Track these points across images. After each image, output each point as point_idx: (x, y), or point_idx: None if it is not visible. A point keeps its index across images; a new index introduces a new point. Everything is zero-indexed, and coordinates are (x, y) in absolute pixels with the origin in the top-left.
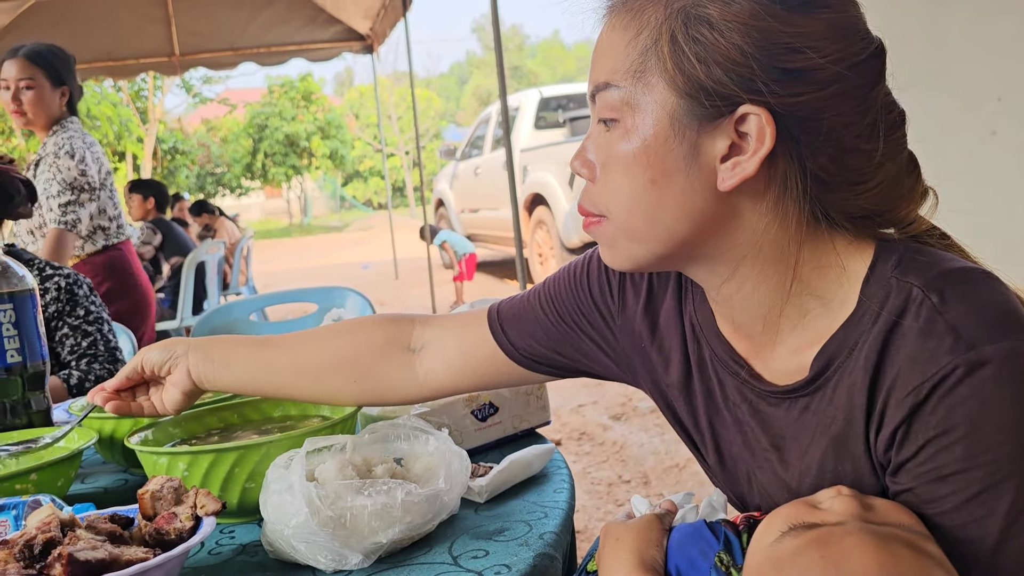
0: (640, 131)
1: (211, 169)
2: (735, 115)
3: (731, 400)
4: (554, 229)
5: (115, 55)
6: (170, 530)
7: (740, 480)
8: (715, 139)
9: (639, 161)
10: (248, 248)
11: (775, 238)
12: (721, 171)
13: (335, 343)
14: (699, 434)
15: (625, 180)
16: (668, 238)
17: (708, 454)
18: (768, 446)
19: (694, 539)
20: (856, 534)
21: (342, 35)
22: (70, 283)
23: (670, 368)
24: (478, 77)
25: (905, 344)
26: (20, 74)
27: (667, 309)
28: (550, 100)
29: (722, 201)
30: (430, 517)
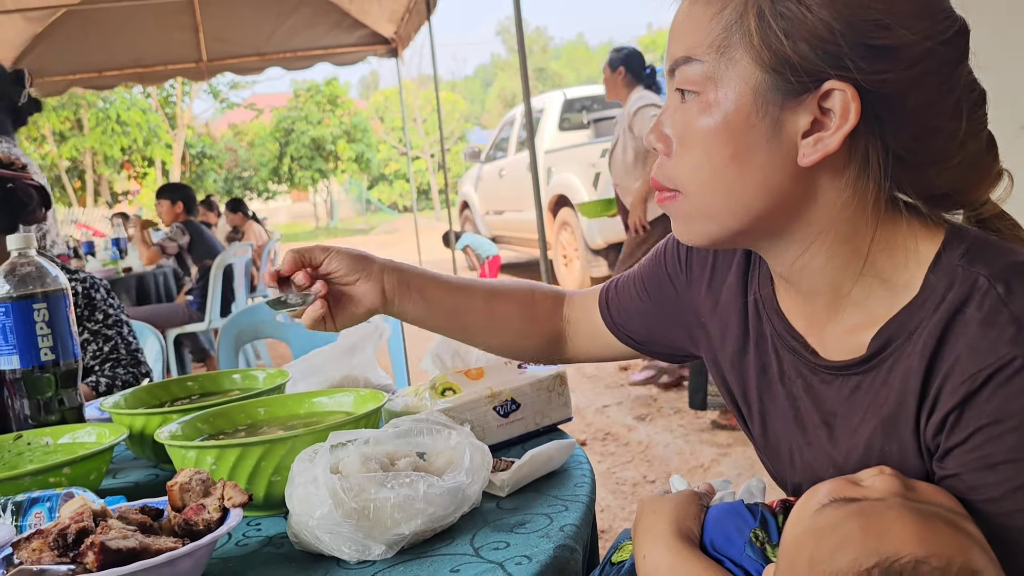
0: (722, 106)
1: (238, 173)
2: (820, 91)
3: (787, 375)
4: (578, 230)
5: (144, 62)
6: (198, 521)
7: (782, 456)
8: (798, 115)
9: (720, 136)
10: (275, 251)
11: (851, 216)
12: (802, 147)
13: (520, 299)
14: (747, 408)
15: (704, 155)
16: (745, 214)
17: (754, 427)
18: (819, 422)
19: (731, 516)
20: (897, 509)
21: (367, 39)
22: (87, 287)
23: (726, 342)
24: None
25: (966, 332)
26: None
27: (730, 284)
28: (574, 102)
29: (801, 177)
30: (452, 510)
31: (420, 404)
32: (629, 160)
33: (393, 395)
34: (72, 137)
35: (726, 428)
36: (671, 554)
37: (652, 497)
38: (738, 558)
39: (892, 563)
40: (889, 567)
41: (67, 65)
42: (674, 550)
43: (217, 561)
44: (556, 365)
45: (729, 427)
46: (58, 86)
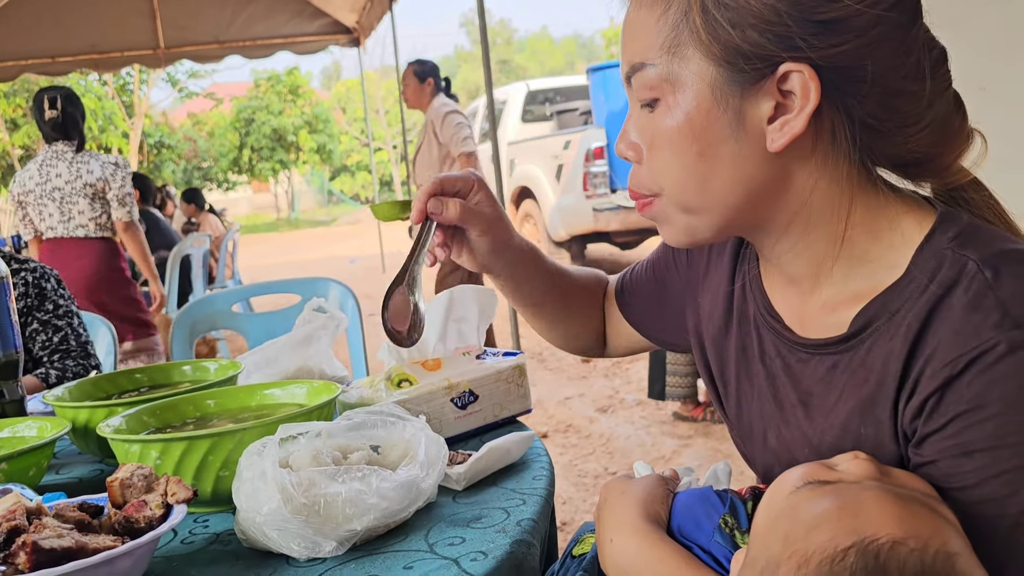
0: (682, 105)
1: (198, 163)
2: (776, 75)
3: (767, 355)
4: (541, 222)
5: (99, 48)
6: (140, 518)
7: (756, 437)
8: (759, 102)
9: (685, 135)
10: (234, 242)
11: (826, 193)
12: (769, 132)
13: (592, 287)
14: (724, 388)
15: (673, 156)
16: (722, 207)
17: (729, 408)
18: (796, 401)
19: (700, 502)
20: (875, 490)
21: (328, 28)
22: (37, 277)
23: (712, 319)
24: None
25: (951, 316)
26: None
27: (722, 264)
28: (537, 93)
29: (773, 163)
30: (406, 504)
31: (375, 396)
32: (435, 160)
33: (347, 387)
34: (25, 124)
35: (687, 420)
36: (638, 537)
37: (618, 480)
38: (706, 544)
39: (869, 543)
40: (866, 547)
41: (19, 50)
42: (642, 533)
43: (160, 560)
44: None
45: (690, 419)
46: (10, 71)
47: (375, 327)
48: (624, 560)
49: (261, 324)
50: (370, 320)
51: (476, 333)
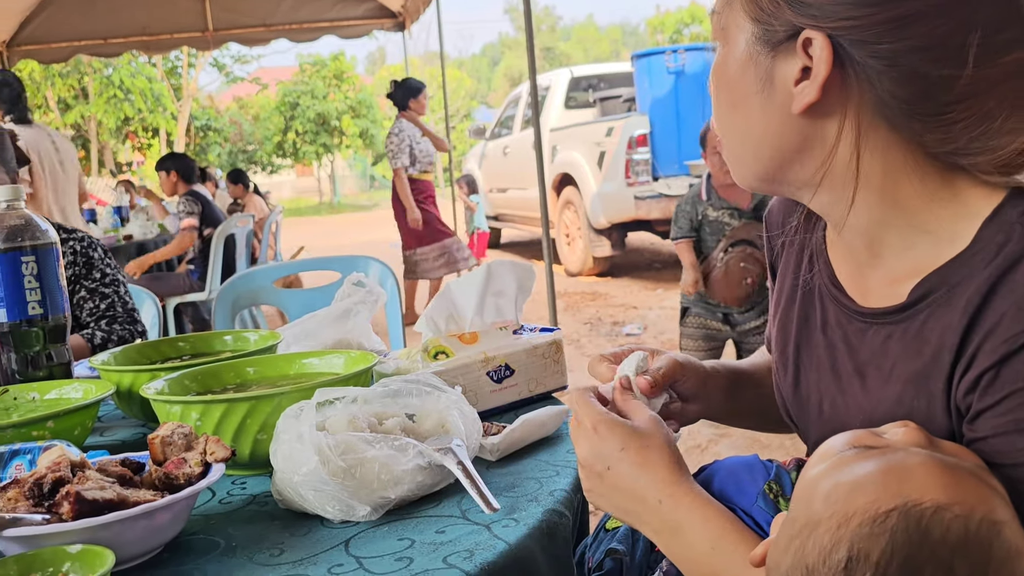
0: (724, 56)
1: (243, 147)
2: (800, 39)
3: (829, 325)
4: (582, 209)
5: (150, 30)
6: (179, 475)
7: (811, 408)
8: (788, 63)
9: (723, 86)
10: (277, 223)
11: (869, 161)
12: (795, 95)
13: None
14: (783, 360)
15: (718, 104)
16: (755, 159)
17: (786, 380)
18: (853, 371)
19: (744, 467)
20: (921, 456)
21: (374, 12)
22: (85, 247)
23: (782, 293)
24: (510, 58)
25: (1015, 290)
26: None
27: (794, 245)
28: (580, 80)
29: (799, 124)
30: (439, 479)
31: (412, 367)
32: None
33: (384, 357)
34: (77, 105)
35: None
36: (689, 498)
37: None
38: (748, 507)
39: (912, 507)
40: (909, 510)
41: (72, 31)
42: (692, 494)
43: (199, 518)
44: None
45: None
46: (63, 52)
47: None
48: (672, 519)
49: (301, 300)
50: None
51: (514, 308)
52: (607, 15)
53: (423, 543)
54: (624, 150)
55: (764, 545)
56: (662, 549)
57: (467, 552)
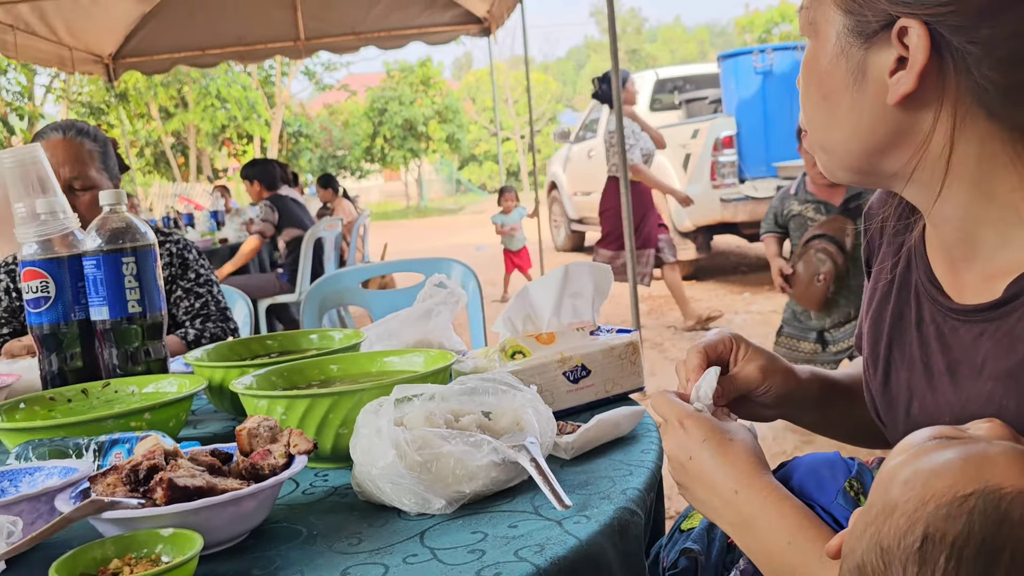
0: (814, 49)
1: (332, 152)
2: (895, 29)
3: (924, 322)
4: (667, 212)
5: (245, 40)
6: (264, 465)
7: (900, 406)
8: (882, 54)
9: (812, 78)
10: (365, 227)
11: (963, 153)
12: (890, 85)
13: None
14: (874, 358)
15: (807, 97)
16: (845, 152)
17: (875, 379)
18: (944, 369)
19: (826, 464)
20: (1004, 447)
21: (460, 18)
22: (180, 248)
23: (876, 291)
24: (595, 61)
25: None
26: None
27: (893, 244)
28: (665, 82)
29: (893, 116)
30: (513, 475)
31: (489, 366)
32: None
33: (463, 356)
34: (177, 114)
35: None
36: (765, 492)
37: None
38: (827, 505)
39: (992, 491)
40: (988, 494)
41: (173, 43)
42: (769, 487)
43: (283, 507)
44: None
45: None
46: (164, 64)
47: (495, 313)
48: (749, 512)
49: (385, 301)
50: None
51: (591, 309)
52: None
53: (495, 536)
54: (710, 152)
55: (840, 536)
56: (738, 543)
57: (538, 546)
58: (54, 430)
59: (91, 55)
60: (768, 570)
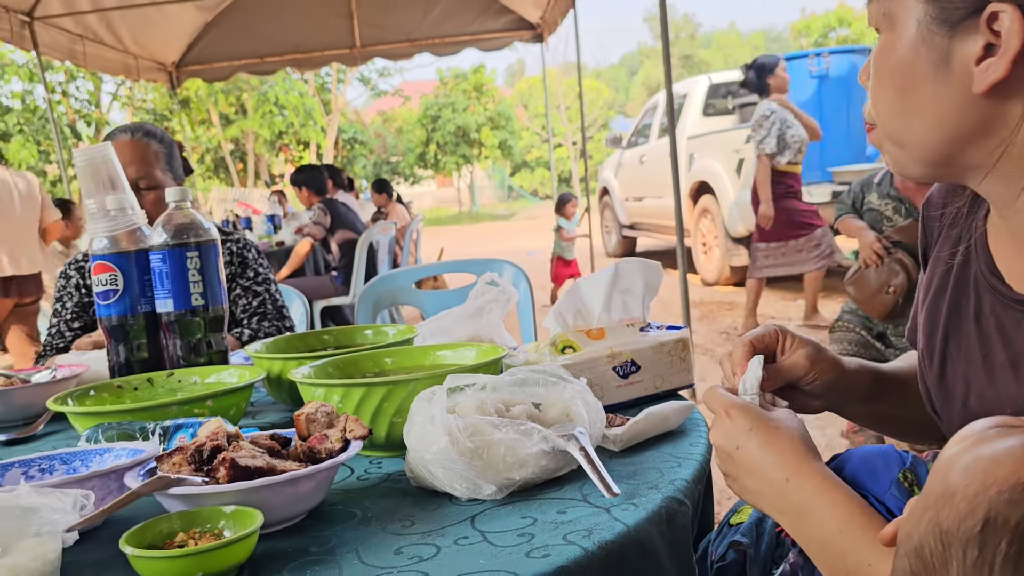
0: (891, 40)
1: (386, 158)
2: (985, 14)
3: (983, 314)
4: (719, 218)
5: (303, 48)
6: (321, 449)
7: (956, 400)
8: (968, 41)
9: (890, 70)
10: (418, 231)
11: None
12: (976, 73)
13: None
14: (929, 348)
15: (881, 88)
16: (923, 146)
17: (931, 372)
18: (1006, 362)
19: (879, 455)
20: None
21: (513, 24)
22: (240, 247)
23: (933, 281)
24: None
25: None
26: None
27: (950, 236)
28: (719, 87)
29: (978, 105)
30: (562, 464)
31: (539, 360)
32: None
33: (514, 350)
34: (236, 120)
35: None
36: (817, 479)
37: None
38: (881, 495)
39: None
40: None
41: (233, 51)
42: (820, 475)
43: (339, 491)
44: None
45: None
46: (224, 71)
47: (544, 315)
48: (799, 499)
49: (437, 300)
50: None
51: (641, 306)
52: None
53: (544, 522)
54: None
55: (895, 523)
56: (788, 530)
57: (586, 531)
58: (122, 414)
59: (155, 63)
60: (819, 558)
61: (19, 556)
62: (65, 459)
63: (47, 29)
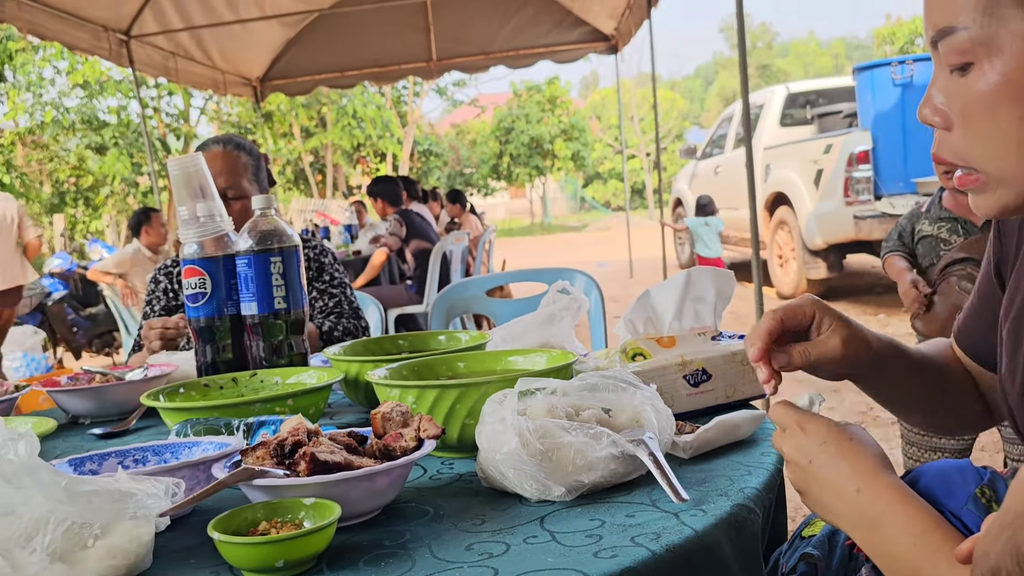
0: (999, 69)
1: (460, 170)
2: None
3: None
4: (796, 230)
5: (381, 61)
6: (396, 447)
7: None
8: None
9: (1003, 99)
10: (490, 242)
11: None
12: None
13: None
14: (1013, 364)
15: (992, 123)
16: None
17: (1014, 384)
18: None
19: (956, 469)
20: None
21: (587, 36)
22: (317, 253)
23: (1017, 292)
24: (724, 78)
25: None
26: None
27: None
28: (797, 96)
29: None
30: (631, 469)
31: (609, 367)
32: None
33: (584, 356)
34: (316, 133)
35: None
36: (890, 492)
37: (828, 425)
38: (957, 510)
39: None
40: None
41: (314, 66)
42: (893, 488)
43: (412, 489)
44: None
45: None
46: (306, 86)
47: (617, 311)
48: (872, 512)
49: (509, 308)
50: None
51: (713, 315)
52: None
53: (613, 524)
54: (843, 167)
55: (971, 540)
56: (860, 544)
57: (655, 535)
58: (209, 411)
59: (241, 78)
60: (892, 572)
61: (116, 538)
62: (157, 451)
63: (143, 47)
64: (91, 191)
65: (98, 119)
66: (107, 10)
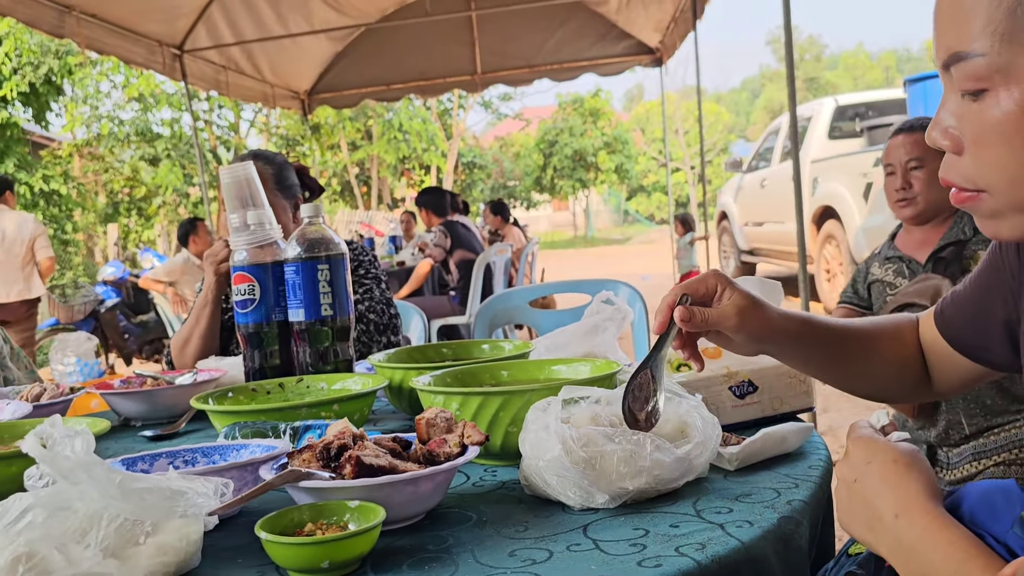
0: (1016, 97)
1: (504, 183)
2: None
3: None
4: (844, 244)
5: (426, 75)
6: (440, 453)
7: None
8: None
9: (1019, 128)
10: (533, 254)
11: None
12: None
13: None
14: None
15: (1006, 150)
16: None
17: None
18: None
19: (1000, 491)
20: None
21: (632, 49)
22: (357, 253)
23: None
24: (770, 91)
25: None
26: None
27: None
28: (846, 109)
29: None
30: (677, 476)
31: None
32: None
33: (628, 366)
34: (363, 145)
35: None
36: (928, 518)
37: (879, 443)
38: (1001, 535)
39: None
40: None
41: (360, 79)
42: (932, 514)
43: (455, 495)
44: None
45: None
46: (352, 99)
47: None
48: (910, 538)
49: (552, 319)
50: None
51: None
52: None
53: (657, 534)
54: None
55: (1014, 565)
56: (899, 571)
57: (700, 545)
58: (257, 414)
59: (289, 91)
60: None
61: (166, 536)
62: (206, 452)
63: (195, 61)
64: (144, 201)
65: (151, 131)
66: (162, 25)
